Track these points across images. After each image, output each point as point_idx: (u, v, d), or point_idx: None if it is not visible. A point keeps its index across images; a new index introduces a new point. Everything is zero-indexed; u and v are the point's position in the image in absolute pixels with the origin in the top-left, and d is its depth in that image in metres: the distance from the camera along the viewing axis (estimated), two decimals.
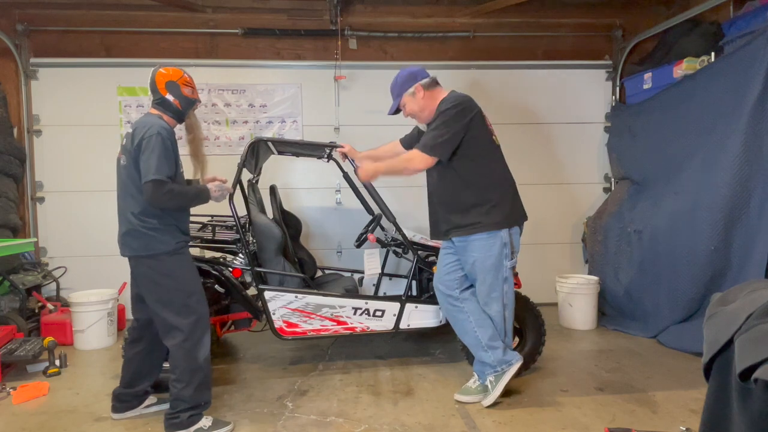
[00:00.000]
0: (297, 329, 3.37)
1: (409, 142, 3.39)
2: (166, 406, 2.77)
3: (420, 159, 2.85)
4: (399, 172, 3.01)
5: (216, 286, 3.41)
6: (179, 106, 2.66)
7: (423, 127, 3.19)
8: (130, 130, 2.58)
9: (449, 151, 2.84)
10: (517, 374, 3.34)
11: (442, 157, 2.84)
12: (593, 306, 4.49)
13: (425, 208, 5.03)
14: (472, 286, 3.05)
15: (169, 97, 2.63)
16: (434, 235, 3.15)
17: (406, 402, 3.01)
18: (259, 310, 3.43)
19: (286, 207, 4.28)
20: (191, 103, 2.72)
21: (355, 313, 3.42)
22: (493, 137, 3.00)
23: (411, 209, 5.06)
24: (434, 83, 3.03)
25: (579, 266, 5.25)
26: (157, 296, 2.59)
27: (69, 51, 4.81)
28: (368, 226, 3.71)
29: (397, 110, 3.11)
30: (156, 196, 2.44)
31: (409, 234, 3.58)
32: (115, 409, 2.82)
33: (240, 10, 4.95)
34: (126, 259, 2.69)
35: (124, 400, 2.82)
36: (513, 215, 2.96)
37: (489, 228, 2.86)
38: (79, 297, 4.06)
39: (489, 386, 2.95)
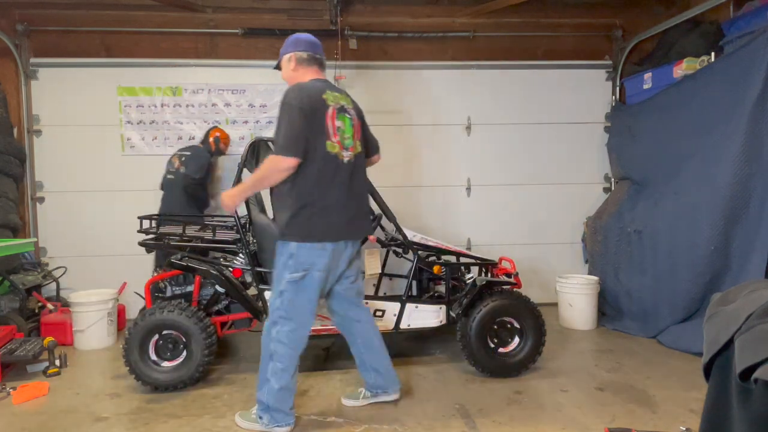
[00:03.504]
0: None
1: None
2: None
3: (277, 162, 2.50)
4: (266, 180, 2.63)
5: (216, 286, 3.41)
6: None
7: None
8: None
9: (302, 147, 2.51)
10: (518, 374, 3.36)
11: (297, 155, 2.50)
12: (593, 306, 4.49)
13: (425, 208, 5.12)
14: None
15: None
16: None
17: (406, 402, 3.01)
18: (259, 310, 3.43)
19: None
20: None
21: None
22: (330, 142, 2.60)
23: (411, 209, 5.06)
24: (310, 61, 2.74)
25: (579, 266, 5.25)
26: None
27: (69, 51, 4.81)
28: None
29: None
30: None
31: (410, 234, 3.58)
32: None
33: (240, 10, 4.95)
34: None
35: None
36: (312, 230, 2.59)
37: (283, 237, 2.63)
38: (79, 297, 4.06)
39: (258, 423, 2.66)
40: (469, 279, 3.65)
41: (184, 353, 3.18)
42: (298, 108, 2.52)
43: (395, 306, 3.45)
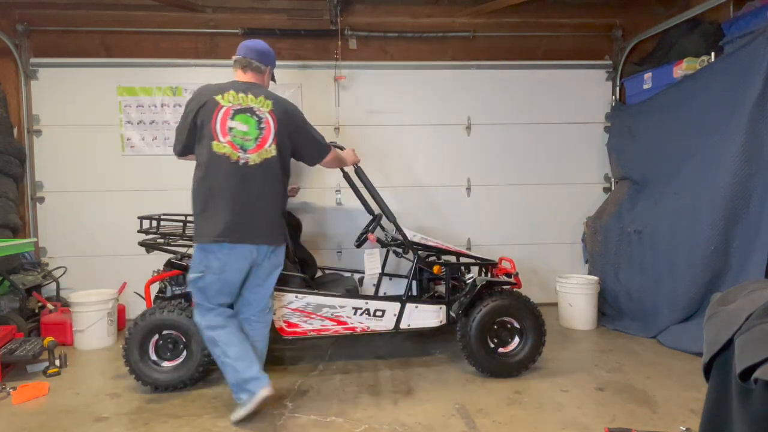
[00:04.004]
0: (297, 329, 3.37)
1: None
2: None
3: None
4: None
5: None
6: None
7: None
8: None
9: (178, 145, 2.81)
10: (518, 374, 3.36)
11: (176, 150, 2.84)
12: (593, 306, 4.49)
13: (425, 208, 5.12)
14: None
15: None
16: None
17: (406, 402, 3.01)
18: None
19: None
20: None
21: (355, 313, 3.42)
22: (216, 142, 2.65)
23: (411, 209, 5.06)
24: (235, 64, 2.95)
25: (579, 266, 5.25)
26: None
27: (69, 51, 4.80)
28: (368, 226, 3.72)
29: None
30: None
31: (410, 234, 3.58)
32: None
33: (240, 10, 4.94)
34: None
35: None
36: (206, 231, 2.67)
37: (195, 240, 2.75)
38: (79, 297, 4.06)
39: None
40: (469, 279, 3.65)
41: (184, 353, 3.19)
42: (185, 107, 2.78)
43: (395, 306, 3.45)
